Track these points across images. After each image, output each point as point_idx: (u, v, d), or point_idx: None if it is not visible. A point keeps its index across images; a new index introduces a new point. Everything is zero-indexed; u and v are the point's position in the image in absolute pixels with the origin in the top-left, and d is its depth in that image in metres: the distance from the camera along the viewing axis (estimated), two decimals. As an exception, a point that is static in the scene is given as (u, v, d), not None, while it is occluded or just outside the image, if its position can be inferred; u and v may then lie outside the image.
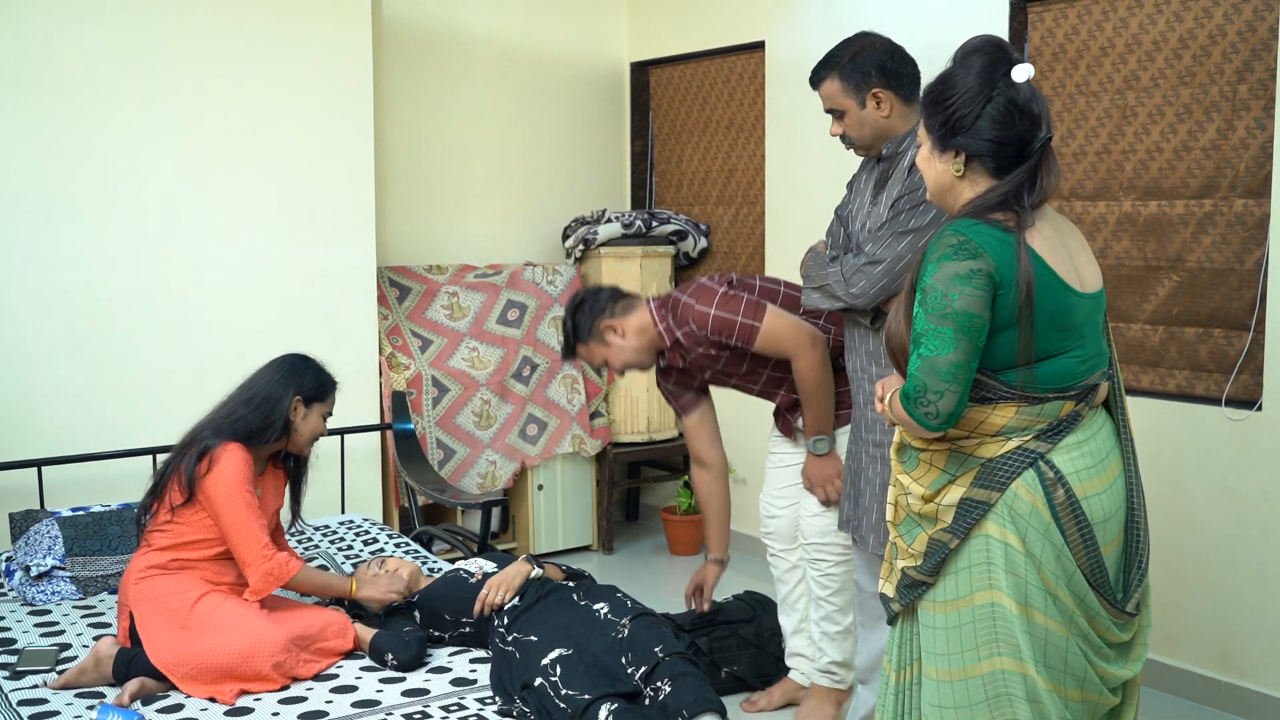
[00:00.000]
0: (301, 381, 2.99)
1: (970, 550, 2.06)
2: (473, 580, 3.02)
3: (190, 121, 4.05)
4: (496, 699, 2.62)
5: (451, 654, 2.91)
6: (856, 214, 2.96)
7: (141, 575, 2.87)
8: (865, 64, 2.80)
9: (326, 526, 4.11)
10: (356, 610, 3.11)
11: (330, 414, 3.08)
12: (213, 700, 2.66)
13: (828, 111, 2.88)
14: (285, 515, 3.26)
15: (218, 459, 2.85)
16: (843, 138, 2.89)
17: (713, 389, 3.50)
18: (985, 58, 2.07)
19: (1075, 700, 2.09)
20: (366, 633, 2.90)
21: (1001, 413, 2.04)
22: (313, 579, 2.97)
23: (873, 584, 2.92)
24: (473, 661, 2.86)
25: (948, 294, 1.97)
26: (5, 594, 3.37)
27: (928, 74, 2.27)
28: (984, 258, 1.97)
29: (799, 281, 3.13)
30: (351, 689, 2.71)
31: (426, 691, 2.68)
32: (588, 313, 3.24)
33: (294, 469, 3.17)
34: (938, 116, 2.09)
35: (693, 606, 3.61)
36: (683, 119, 5.60)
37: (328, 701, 2.64)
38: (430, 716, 2.55)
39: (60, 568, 3.34)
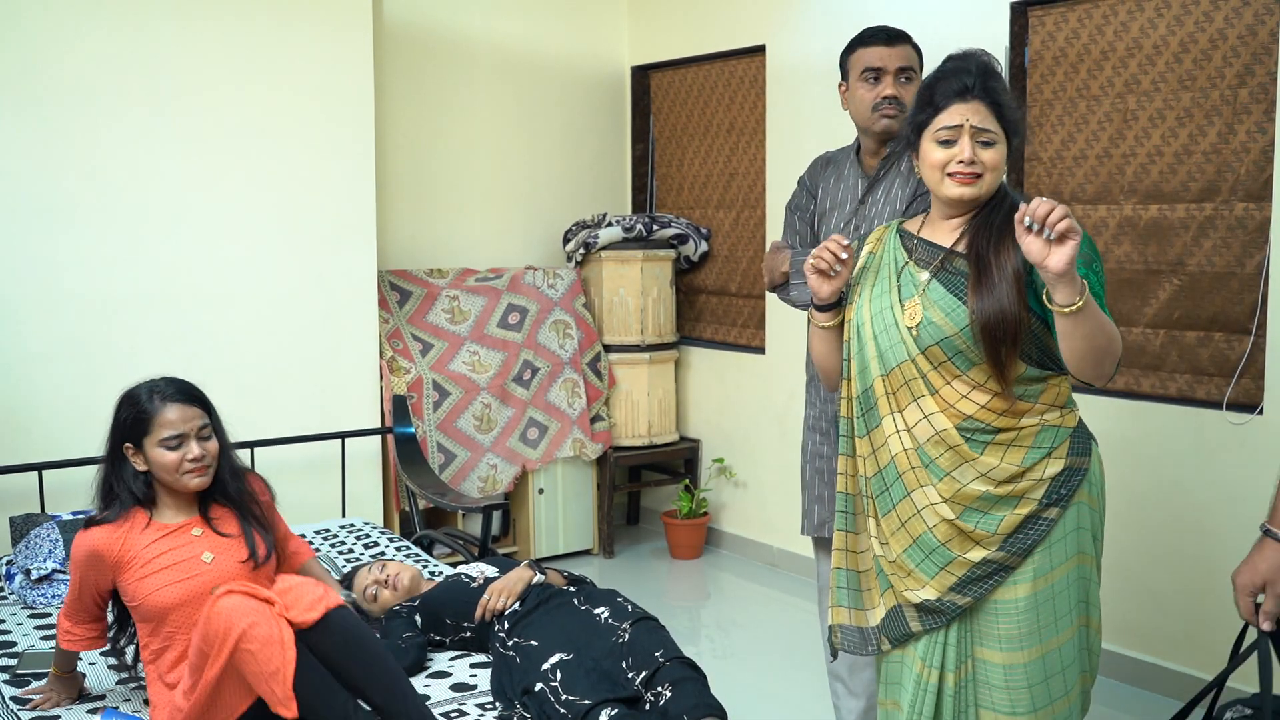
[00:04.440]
0: (118, 430, 2.58)
1: (1065, 519, 2.15)
2: (474, 585, 3.02)
3: (191, 127, 4.05)
4: (497, 704, 2.62)
5: (452, 658, 2.91)
6: (830, 211, 2.97)
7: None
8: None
9: (327, 530, 4.10)
10: (357, 613, 3.11)
11: (177, 436, 2.53)
12: None
13: (899, 69, 2.84)
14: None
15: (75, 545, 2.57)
16: (896, 101, 2.83)
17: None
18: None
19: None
20: None
21: (1066, 383, 2.19)
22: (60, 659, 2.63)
23: None
24: (473, 666, 2.85)
25: (1101, 266, 2.09)
26: (5, 597, 3.37)
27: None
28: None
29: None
30: (352, 693, 2.70)
31: (427, 697, 2.67)
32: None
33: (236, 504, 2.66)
34: (1019, 112, 2.21)
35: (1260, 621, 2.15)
36: (683, 123, 5.60)
37: (328, 706, 2.63)
38: (431, 721, 2.54)
39: (60, 571, 3.34)
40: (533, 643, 2.69)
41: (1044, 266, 1.89)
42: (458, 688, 2.73)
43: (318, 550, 3.88)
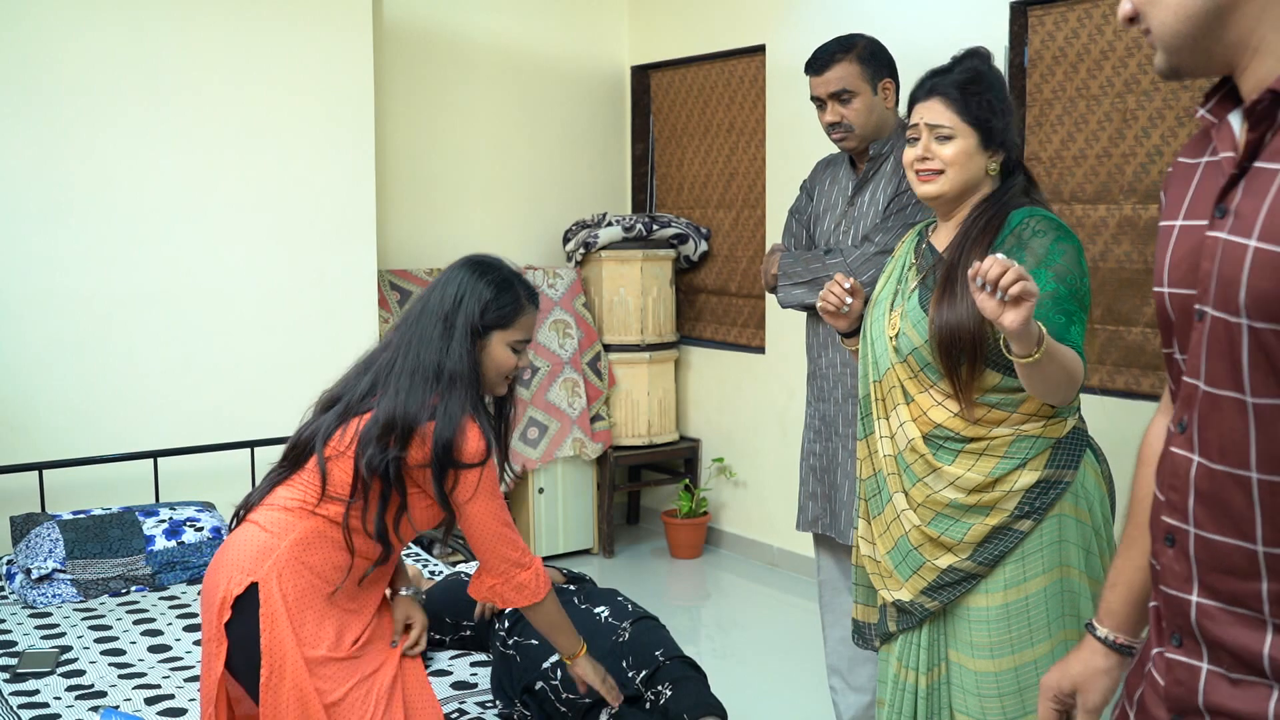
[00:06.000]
0: (486, 309, 2.20)
1: (1042, 531, 2.10)
2: (473, 583, 3.02)
3: (191, 126, 4.05)
4: (497, 703, 2.62)
5: (452, 657, 2.91)
6: (824, 213, 3.00)
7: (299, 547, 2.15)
8: (881, 54, 2.90)
9: (327, 530, 4.10)
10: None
11: (525, 342, 2.27)
12: None
13: (831, 95, 2.86)
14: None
15: (469, 441, 2.14)
16: (839, 125, 2.88)
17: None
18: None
19: None
20: None
21: None
22: (555, 615, 2.32)
23: (845, 580, 2.98)
24: (473, 665, 2.85)
25: (1082, 278, 2.05)
26: (6, 597, 3.37)
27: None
28: (1075, 237, 2.10)
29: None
30: (352, 692, 2.70)
31: (427, 695, 2.67)
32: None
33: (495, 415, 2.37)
34: (1004, 118, 2.16)
35: None
36: (683, 122, 5.60)
37: (328, 705, 2.63)
38: (431, 720, 2.54)
39: (61, 570, 3.34)
40: (533, 641, 2.69)
41: (999, 323, 1.76)
42: (458, 686, 2.73)
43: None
